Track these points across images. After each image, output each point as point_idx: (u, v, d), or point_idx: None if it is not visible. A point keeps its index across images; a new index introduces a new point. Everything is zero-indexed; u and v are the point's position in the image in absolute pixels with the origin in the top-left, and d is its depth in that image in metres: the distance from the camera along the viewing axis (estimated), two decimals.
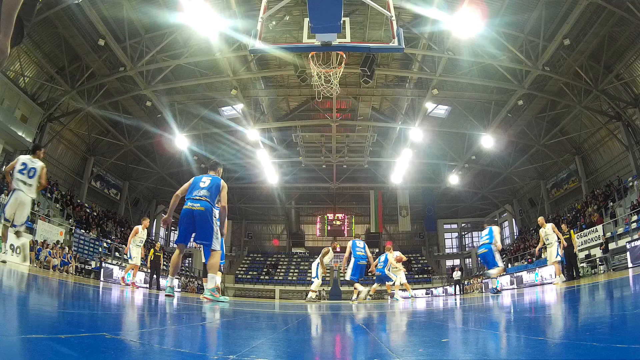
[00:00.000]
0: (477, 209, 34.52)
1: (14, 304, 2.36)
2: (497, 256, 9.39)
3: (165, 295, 5.48)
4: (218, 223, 5.30)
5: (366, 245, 10.29)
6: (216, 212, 5.33)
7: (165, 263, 15.18)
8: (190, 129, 22.36)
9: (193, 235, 5.16)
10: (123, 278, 11.80)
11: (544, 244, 10.80)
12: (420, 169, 28.81)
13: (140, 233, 11.08)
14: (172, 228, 33.90)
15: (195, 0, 12.24)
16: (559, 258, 10.60)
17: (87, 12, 14.03)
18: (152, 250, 13.40)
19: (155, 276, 13.36)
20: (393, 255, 11.31)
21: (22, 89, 17.16)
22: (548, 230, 10.44)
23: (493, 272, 9.47)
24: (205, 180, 5.32)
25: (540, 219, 11.09)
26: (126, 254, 11.22)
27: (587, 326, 1.83)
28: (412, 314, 4.14)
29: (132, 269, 11.17)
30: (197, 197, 5.11)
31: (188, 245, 5.35)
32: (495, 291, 9.84)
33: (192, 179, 5.44)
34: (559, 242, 10.51)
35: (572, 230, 12.62)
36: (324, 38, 4.82)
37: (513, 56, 16.32)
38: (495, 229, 9.63)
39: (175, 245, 5.84)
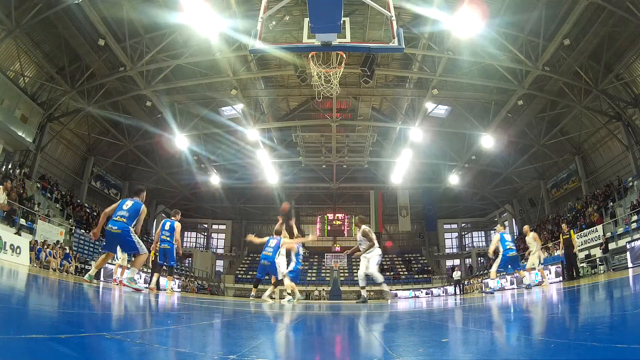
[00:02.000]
0: (477, 209, 34.52)
1: (14, 304, 2.36)
2: None
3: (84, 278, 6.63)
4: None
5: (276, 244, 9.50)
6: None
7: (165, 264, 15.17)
8: (190, 129, 22.36)
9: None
10: (115, 279, 12.19)
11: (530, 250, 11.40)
12: (420, 169, 28.80)
13: None
14: None
15: (195, 0, 12.24)
16: (541, 266, 11.37)
17: (87, 12, 14.02)
18: (152, 251, 13.40)
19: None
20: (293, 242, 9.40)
21: (22, 89, 17.15)
22: (529, 239, 10.99)
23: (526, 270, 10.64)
24: (128, 204, 6.23)
25: (526, 228, 11.85)
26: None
27: (587, 326, 1.83)
28: (411, 314, 4.14)
29: (120, 268, 11.56)
30: (117, 219, 6.03)
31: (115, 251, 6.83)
32: (527, 287, 10.34)
33: (120, 200, 6.51)
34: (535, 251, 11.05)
35: (572, 230, 12.66)
36: (324, 38, 4.81)
37: (513, 56, 16.32)
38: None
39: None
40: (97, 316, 2.43)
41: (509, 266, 10.29)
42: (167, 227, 8.88)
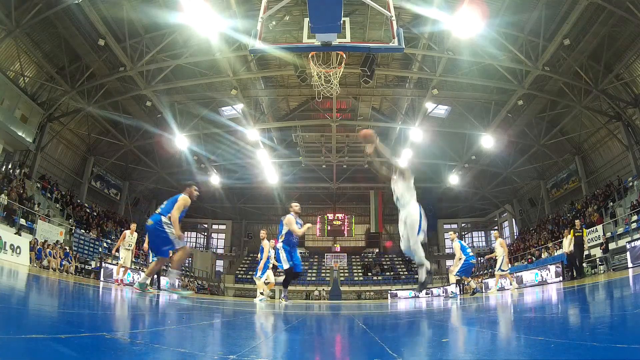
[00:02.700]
0: (477, 209, 34.49)
1: (15, 304, 2.36)
2: None
3: (135, 288, 6.02)
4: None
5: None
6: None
7: (166, 264, 15.20)
8: (190, 129, 22.36)
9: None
10: (116, 279, 12.18)
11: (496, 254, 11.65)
12: (420, 169, 28.68)
13: (127, 237, 11.35)
14: None
15: (195, 0, 12.24)
16: (504, 272, 11.47)
17: (87, 12, 14.03)
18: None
19: (156, 276, 13.45)
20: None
21: (22, 89, 17.15)
22: (497, 244, 11.22)
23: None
24: (170, 199, 5.89)
25: (495, 233, 12.77)
26: (116, 254, 11.76)
27: (587, 326, 1.83)
28: (411, 314, 4.14)
29: (122, 268, 11.54)
30: (154, 213, 5.74)
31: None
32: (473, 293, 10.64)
33: None
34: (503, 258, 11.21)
35: (584, 228, 12.57)
36: (324, 38, 4.81)
37: (513, 56, 16.32)
38: None
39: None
40: (97, 316, 2.43)
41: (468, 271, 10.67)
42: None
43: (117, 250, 11.62)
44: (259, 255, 10.52)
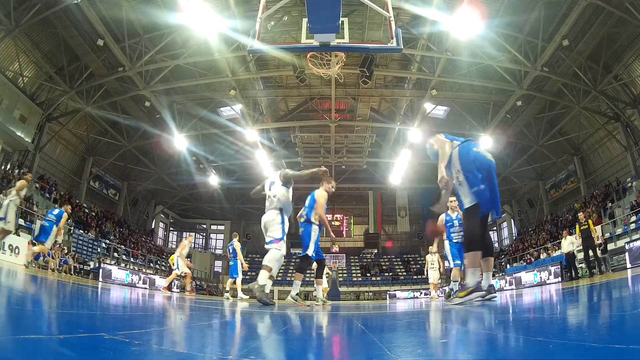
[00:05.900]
0: None
1: (13, 305, 2.35)
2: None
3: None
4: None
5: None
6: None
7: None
8: (189, 129, 22.35)
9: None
10: (164, 287, 12.47)
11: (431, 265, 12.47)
12: (418, 169, 28.75)
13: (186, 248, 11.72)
14: (171, 229, 33.73)
15: (195, 0, 12.24)
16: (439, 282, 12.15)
17: (86, 12, 14.02)
18: (172, 256, 13.62)
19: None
20: None
21: (21, 89, 17.13)
22: (434, 257, 11.56)
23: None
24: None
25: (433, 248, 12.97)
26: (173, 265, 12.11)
27: (586, 326, 1.83)
28: (411, 314, 4.14)
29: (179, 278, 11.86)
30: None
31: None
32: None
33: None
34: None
35: (590, 220, 11.93)
36: (322, 38, 4.81)
37: (512, 57, 16.35)
38: None
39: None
40: (96, 317, 2.42)
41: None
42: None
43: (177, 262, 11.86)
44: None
